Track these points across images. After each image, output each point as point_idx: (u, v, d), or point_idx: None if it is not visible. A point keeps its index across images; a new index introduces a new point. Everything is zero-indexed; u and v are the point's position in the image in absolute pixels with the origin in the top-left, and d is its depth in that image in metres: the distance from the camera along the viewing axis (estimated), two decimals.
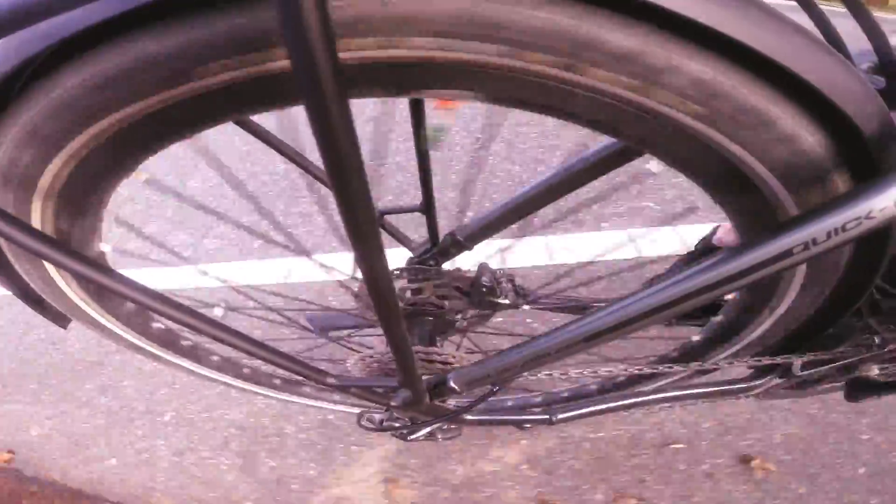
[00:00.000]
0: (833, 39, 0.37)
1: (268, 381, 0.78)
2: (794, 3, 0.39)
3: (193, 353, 0.68)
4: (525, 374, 0.47)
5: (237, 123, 0.44)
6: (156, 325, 0.62)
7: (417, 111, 0.49)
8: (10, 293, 0.50)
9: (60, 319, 0.55)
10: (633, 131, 0.33)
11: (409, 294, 0.60)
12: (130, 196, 1.58)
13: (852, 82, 0.29)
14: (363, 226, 0.27)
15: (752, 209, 0.36)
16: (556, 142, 1.63)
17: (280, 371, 0.47)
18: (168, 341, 0.64)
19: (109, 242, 0.47)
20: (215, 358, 0.71)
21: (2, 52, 0.28)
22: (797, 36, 0.27)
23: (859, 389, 0.71)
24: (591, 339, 0.35)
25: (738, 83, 0.29)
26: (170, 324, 0.62)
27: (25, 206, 0.36)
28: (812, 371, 0.66)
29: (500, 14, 0.26)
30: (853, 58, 0.37)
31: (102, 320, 0.55)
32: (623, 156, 0.48)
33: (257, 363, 0.75)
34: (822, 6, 0.39)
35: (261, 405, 1.06)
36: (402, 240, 0.65)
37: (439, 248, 0.61)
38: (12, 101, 0.31)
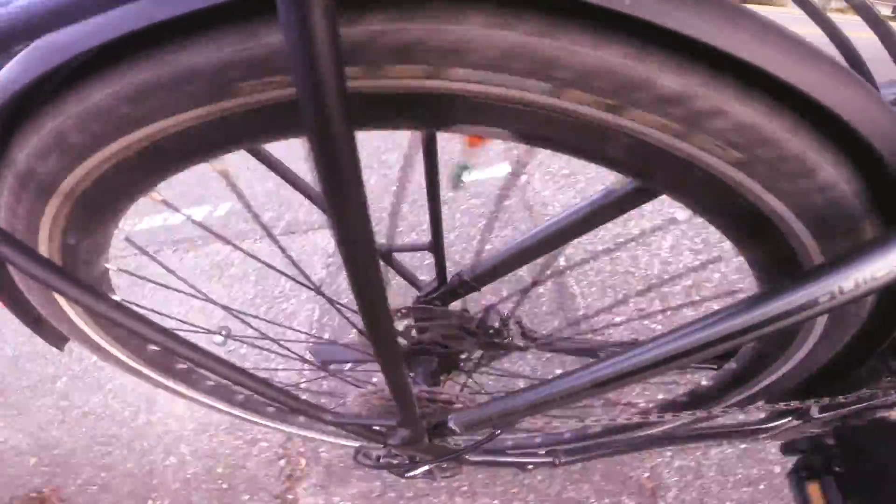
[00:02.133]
0: (858, 67, 0.36)
1: (262, 409, 0.76)
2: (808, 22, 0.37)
3: (188, 378, 0.66)
4: (528, 418, 0.44)
5: (248, 150, 0.44)
6: (153, 348, 0.60)
7: (430, 146, 0.48)
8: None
9: (58, 339, 0.54)
10: (662, 176, 0.31)
11: (412, 333, 0.58)
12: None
13: (883, 117, 0.27)
14: (363, 261, 0.26)
15: (776, 257, 0.34)
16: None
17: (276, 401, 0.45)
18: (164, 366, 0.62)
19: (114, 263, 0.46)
20: (210, 383, 0.69)
21: (23, 62, 0.27)
22: (830, 67, 0.26)
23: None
24: (600, 386, 0.33)
25: (781, 128, 0.27)
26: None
27: (38, 217, 0.35)
28: (830, 414, 0.63)
29: (557, 51, 0.25)
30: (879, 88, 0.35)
31: (103, 343, 0.53)
32: (638, 197, 0.47)
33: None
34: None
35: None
36: (409, 278, 0.63)
37: (447, 287, 0.60)
38: (38, 107, 0.30)
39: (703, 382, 0.57)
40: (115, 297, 0.47)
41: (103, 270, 0.46)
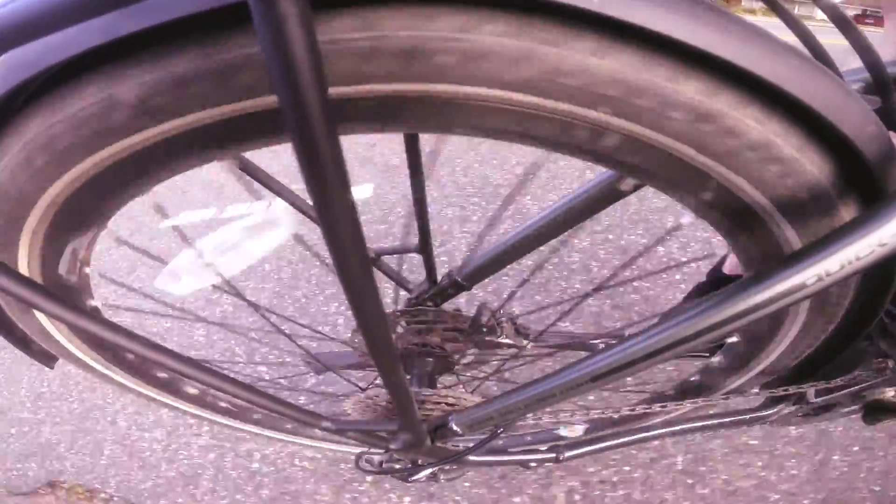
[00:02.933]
0: (823, 59, 0.37)
1: (248, 416, 0.75)
2: (775, 21, 0.38)
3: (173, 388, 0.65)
4: (529, 415, 0.44)
5: (234, 162, 0.44)
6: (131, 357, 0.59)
7: (413, 147, 0.48)
8: None
9: (47, 359, 0.54)
10: (630, 163, 0.32)
11: (407, 336, 0.58)
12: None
13: (851, 104, 0.28)
14: (355, 267, 0.26)
15: (758, 243, 0.35)
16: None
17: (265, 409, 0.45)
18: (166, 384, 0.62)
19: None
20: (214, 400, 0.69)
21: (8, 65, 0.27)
22: (794, 58, 0.27)
23: (877, 412, 0.69)
24: (599, 379, 0.34)
25: (743, 112, 0.28)
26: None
27: (17, 230, 0.35)
28: (826, 397, 0.64)
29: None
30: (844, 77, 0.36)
31: (91, 362, 0.53)
32: (623, 189, 0.47)
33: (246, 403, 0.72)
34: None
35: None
36: (399, 281, 0.63)
37: (437, 288, 0.60)
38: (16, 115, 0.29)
39: (697, 372, 0.58)
40: (95, 303, 0.47)
41: (86, 275, 0.45)
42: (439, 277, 0.60)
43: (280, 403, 0.44)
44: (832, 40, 0.43)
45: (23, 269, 0.38)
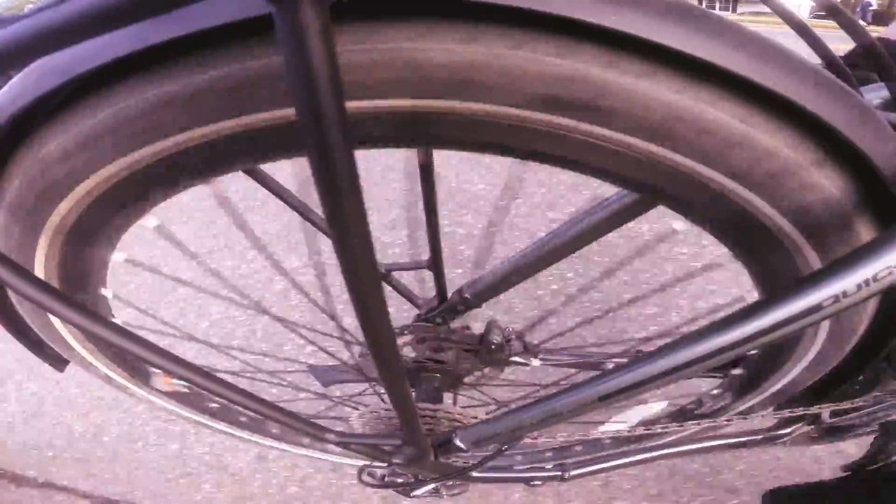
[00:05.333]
0: (841, 75, 0.36)
1: (263, 429, 0.75)
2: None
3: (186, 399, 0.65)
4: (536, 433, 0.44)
5: (246, 172, 0.44)
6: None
7: (427, 163, 0.48)
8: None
9: (58, 362, 0.54)
10: (658, 187, 0.32)
11: (415, 352, 0.57)
12: None
13: (869, 121, 0.28)
14: (365, 282, 0.26)
15: (772, 263, 0.34)
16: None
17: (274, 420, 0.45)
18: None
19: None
20: (210, 404, 0.68)
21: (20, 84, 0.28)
22: (812, 75, 0.26)
23: (893, 434, 0.67)
24: (608, 399, 0.33)
25: (760, 130, 0.27)
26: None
27: (33, 242, 0.35)
28: (842, 418, 0.62)
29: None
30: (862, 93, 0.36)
31: (100, 366, 0.53)
32: (637, 208, 0.47)
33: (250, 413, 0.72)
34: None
35: None
36: (408, 297, 0.63)
37: (447, 305, 0.59)
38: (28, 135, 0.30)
39: (711, 391, 0.57)
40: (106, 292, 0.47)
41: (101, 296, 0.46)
42: (449, 294, 0.60)
43: (286, 415, 0.44)
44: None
45: (39, 272, 0.38)
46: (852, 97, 0.27)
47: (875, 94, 0.44)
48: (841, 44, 0.38)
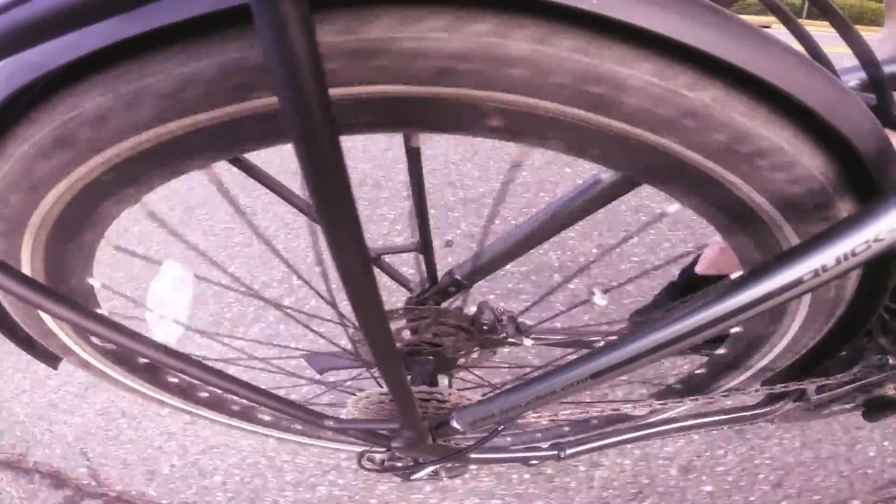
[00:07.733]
0: (819, 57, 0.37)
1: (259, 417, 0.76)
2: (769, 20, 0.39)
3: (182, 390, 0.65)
4: (530, 412, 0.45)
5: (232, 162, 0.44)
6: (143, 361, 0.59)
7: (414, 146, 0.48)
8: None
9: (50, 359, 0.54)
10: (643, 168, 0.32)
11: (407, 335, 0.58)
12: None
13: (846, 101, 0.28)
14: (356, 266, 0.26)
15: (756, 240, 0.35)
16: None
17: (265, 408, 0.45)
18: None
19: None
20: (203, 394, 0.69)
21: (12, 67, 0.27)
22: (789, 56, 0.27)
23: (878, 409, 0.69)
24: (599, 376, 0.34)
25: (737, 111, 0.28)
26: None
27: (20, 232, 0.35)
28: (827, 394, 0.64)
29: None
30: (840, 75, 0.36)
31: (94, 361, 0.53)
32: (624, 186, 0.48)
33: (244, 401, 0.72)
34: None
35: None
36: (399, 280, 0.63)
37: (438, 287, 0.60)
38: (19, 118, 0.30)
39: (698, 369, 0.58)
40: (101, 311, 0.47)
41: (88, 286, 0.45)
42: (440, 276, 0.61)
43: (284, 403, 0.44)
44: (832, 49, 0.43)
45: (26, 269, 0.38)
46: (828, 78, 0.27)
47: (851, 74, 0.44)
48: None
